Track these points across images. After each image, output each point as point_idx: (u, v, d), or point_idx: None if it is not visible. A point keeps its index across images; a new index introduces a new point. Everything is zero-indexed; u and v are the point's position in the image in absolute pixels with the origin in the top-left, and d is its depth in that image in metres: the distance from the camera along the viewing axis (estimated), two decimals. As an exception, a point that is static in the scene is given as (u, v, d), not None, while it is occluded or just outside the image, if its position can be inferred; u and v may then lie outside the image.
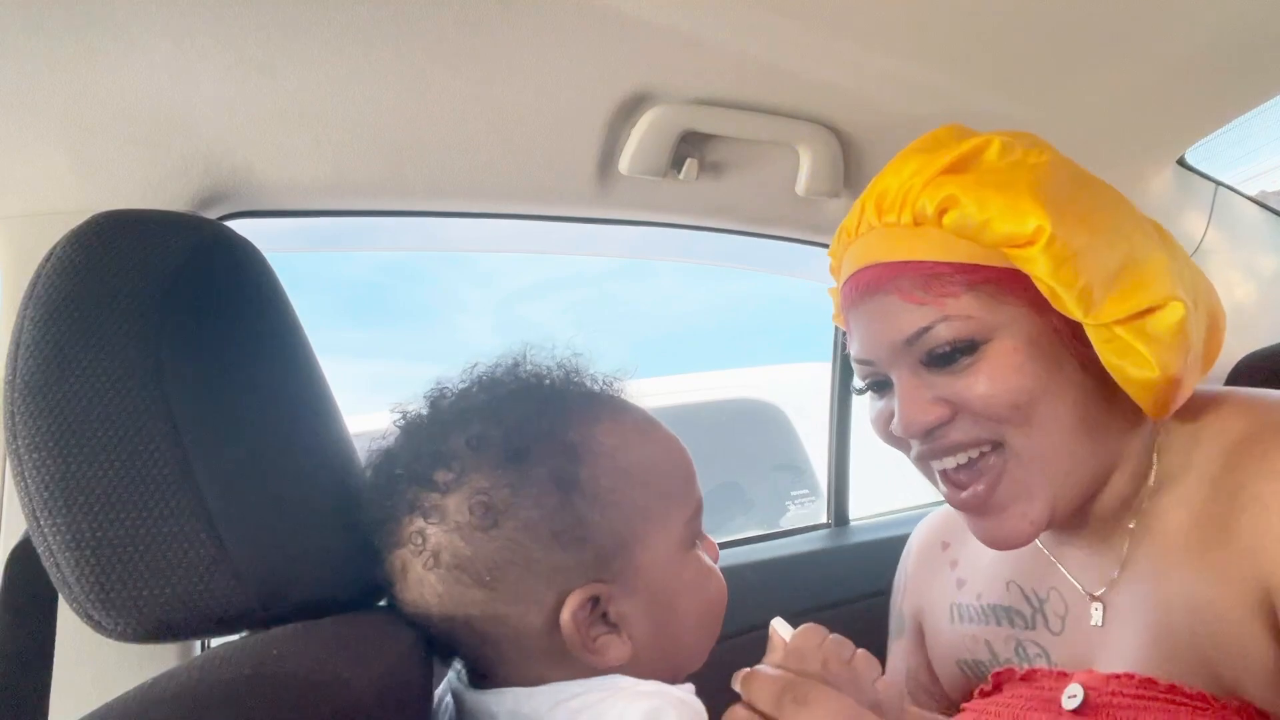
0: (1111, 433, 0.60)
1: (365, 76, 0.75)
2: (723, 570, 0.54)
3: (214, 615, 0.43)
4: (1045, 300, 0.57)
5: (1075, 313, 0.55)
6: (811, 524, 1.48)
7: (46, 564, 0.42)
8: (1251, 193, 1.32)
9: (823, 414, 1.47)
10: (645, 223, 1.08)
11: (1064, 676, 0.62)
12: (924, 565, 0.82)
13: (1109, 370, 0.56)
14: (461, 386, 0.50)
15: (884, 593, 0.90)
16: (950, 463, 0.61)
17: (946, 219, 0.57)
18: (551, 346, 0.51)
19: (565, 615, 0.44)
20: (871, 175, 1.06)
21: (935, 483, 0.65)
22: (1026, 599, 0.69)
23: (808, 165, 0.99)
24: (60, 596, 0.43)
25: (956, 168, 0.58)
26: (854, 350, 0.64)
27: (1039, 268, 0.55)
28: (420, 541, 0.46)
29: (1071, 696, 0.59)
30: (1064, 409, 0.58)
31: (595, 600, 0.45)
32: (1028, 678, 0.65)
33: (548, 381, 0.49)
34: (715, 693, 0.51)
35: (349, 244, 1.06)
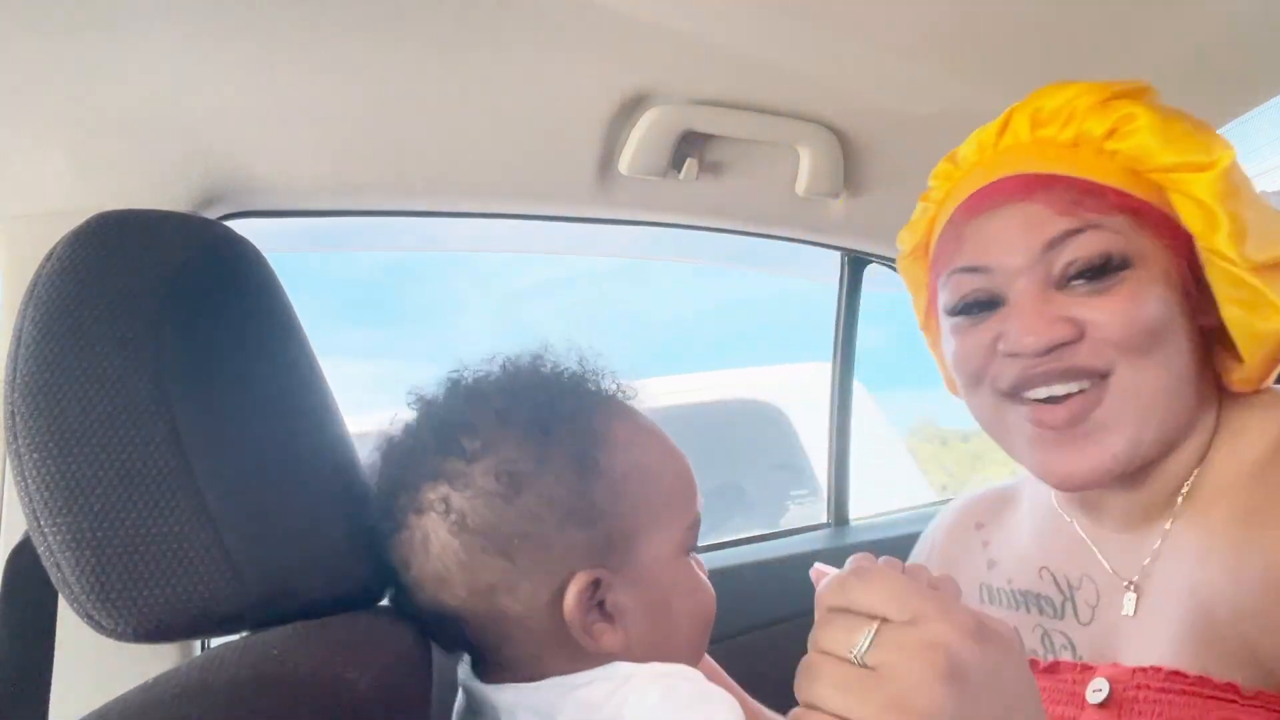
0: (1198, 398, 0.60)
1: (365, 76, 0.75)
2: (723, 570, 0.55)
3: (214, 615, 0.43)
4: (1182, 245, 0.57)
5: (1226, 248, 0.55)
6: (811, 524, 1.49)
7: (46, 564, 0.42)
8: (1251, 193, 1.32)
9: (823, 414, 1.47)
10: (645, 223, 1.08)
11: (1088, 670, 0.61)
12: (955, 541, 0.80)
13: (1229, 325, 0.57)
14: (482, 370, 0.51)
15: (884, 593, 0.89)
16: (1044, 393, 0.58)
17: (1115, 140, 0.57)
18: (568, 346, 0.52)
19: (570, 595, 0.45)
20: (871, 175, 1.07)
21: (1004, 433, 0.63)
22: (1058, 586, 0.67)
23: (808, 165, 0.99)
24: (60, 596, 0.43)
25: (1130, 95, 0.59)
26: (967, 259, 0.61)
27: (1207, 192, 0.55)
28: (444, 508, 0.46)
29: (1096, 691, 0.58)
30: (1181, 351, 0.57)
31: (596, 586, 0.46)
32: (1051, 670, 0.64)
33: (567, 375, 0.51)
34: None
35: (349, 244, 1.06)
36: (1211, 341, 0.61)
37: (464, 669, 0.53)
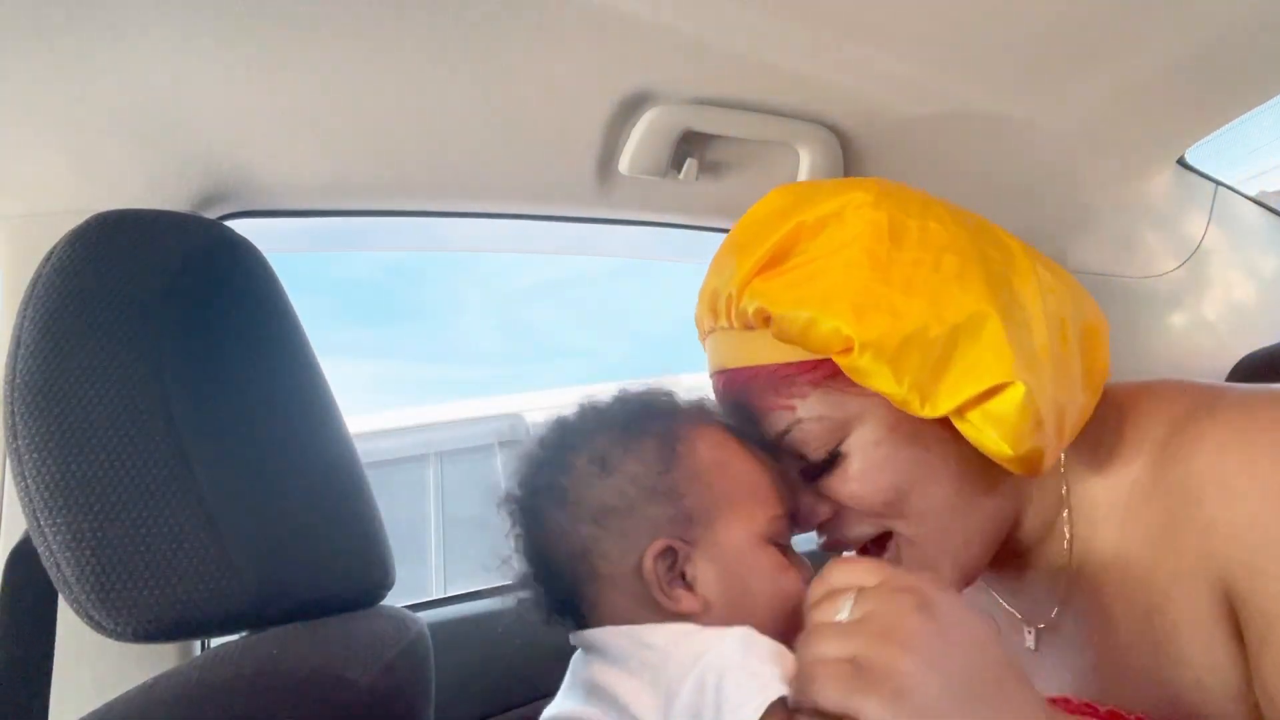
0: (1000, 488, 0.59)
1: (365, 76, 0.75)
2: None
3: (214, 615, 0.43)
4: None
5: (913, 408, 0.53)
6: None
7: (46, 564, 0.42)
8: (1251, 193, 1.32)
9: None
10: (645, 223, 1.08)
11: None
12: None
13: (974, 445, 0.54)
14: (599, 399, 0.62)
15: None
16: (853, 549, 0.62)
17: (771, 326, 0.55)
18: (677, 387, 0.63)
19: (647, 558, 0.53)
20: (871, 175, 1.07)
21: None
22: None
23: (808, 165, 0.99)
24: (60, 596, 0.43)
25: (771, 263, 0.56)
26: None
27: (862, 375, 0.53)
28: (553, 488, 0.56)
29: None
30: (941, 490, 0.57)
31: (675, 554, 0.54)
32: None
33: (664, 394, 0.62)
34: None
35: (349, 244, 1.06)
36: None
37: (573, 636, 0.59)
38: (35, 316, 0.44)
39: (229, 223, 0.72)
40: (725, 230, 1.16)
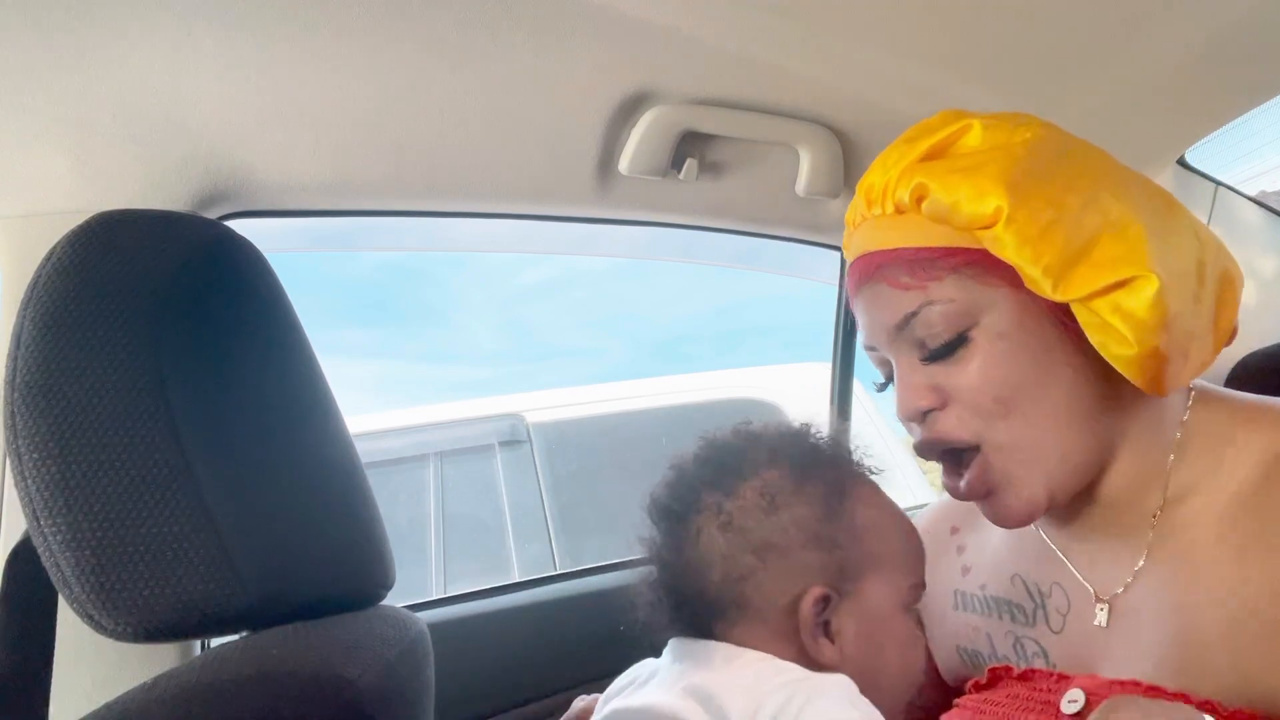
0: (1111, 411, 0.60)
1: (365, 76, 0.75)
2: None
3: (214, 615, 0.43)
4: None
5: (1044, 290, 0.55)
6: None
7: (46, 564, 0.42)
8: (1251, 193, 1.32)
9: (822, 414, 1.47)
10: (645, 223, 1.08)
11: (1064, 679, 0.60)
12: (929, 546, 0.84)
13: (1096, 348, 0.56)
14: (765, 428, 0.63)
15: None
16: (949, 473, 0.62)
17: (924, 206, 0.58)
18: (836, 428, 0.64)
19: (806, 600, 0.54)
20: (871, 175, 1.07)
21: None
22: (1029, 593, 0.67)
23: (808, 165, 0.99)
24: (60, 596, 0.43)
25: (932, 154, 0.60)
26: (863, 338, 0.66)
27: (1003, 247, 0.55)
28: (717, 510, 0.56)
29: (1072, 701, 0.57)
30: (1054, 395, 0.58)
31: (827, 602, 0.54)
32: (1025, 677, 0.63)
33: (830, 441, 0.62)
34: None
35: (349, 244, 1.06)
36: None
37: (676, 643, 0.59)
38: (35, 316, 0.44)
39: (229, 223, 0.72)
40: (725, 230, 1.17)
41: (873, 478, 0.63)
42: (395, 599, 0.60)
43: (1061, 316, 0.57)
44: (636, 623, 0.59)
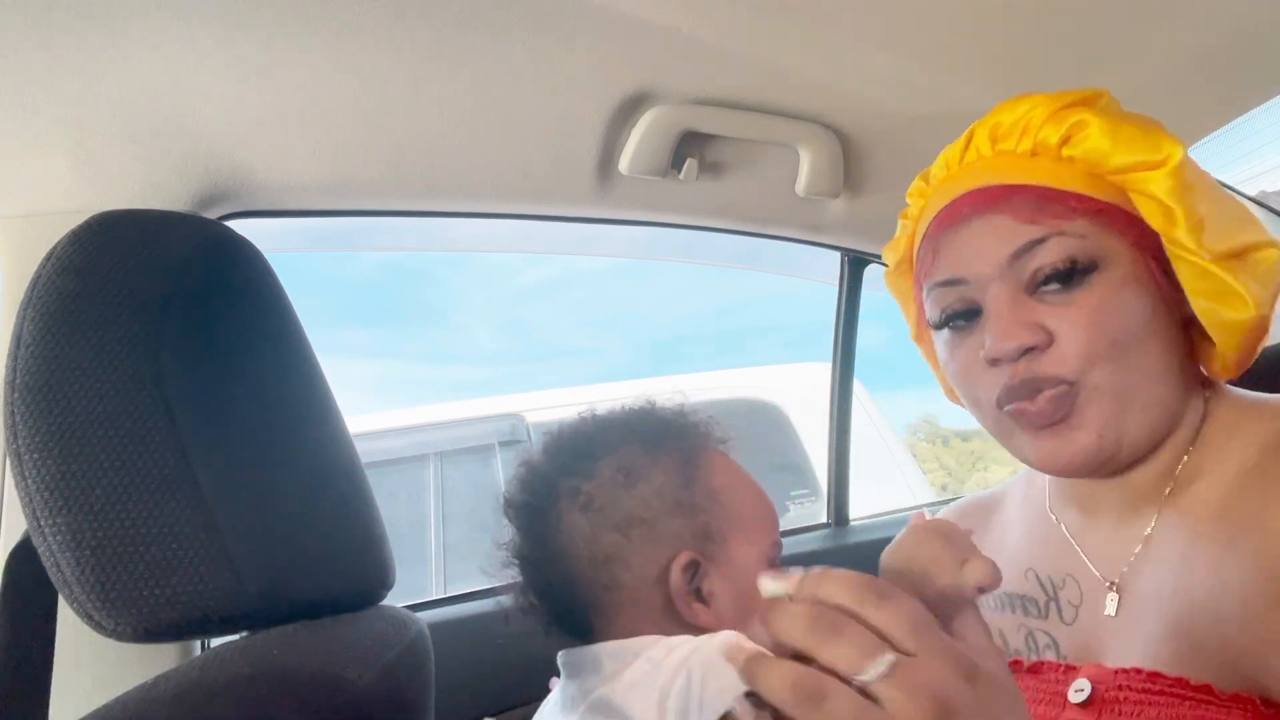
0: (1183, 387, 0.61)
1: (365, 76, 0.75)
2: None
3: (214, 615, 0.43)
4: (1146, 241, 0.59)
5: (1187, 240, 0.56)
6: (811, 524, 1.49)
7: (46, 564, 0.42)
8: (1251, 193, 1.32)
9: (823, 414, 1.47)
10: (645, 223, 1.08)
11: (1071, 670, 0.61)
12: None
13: (1200, 315, 0.58)
14: (610, 409, 0.63)
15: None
16: (1027, 398, 0.59)
17: (1069, 146, 0.60)
18: (677, 398, 0.65)
19: (675, 569, 0.54)
20: (871, 175, 1.07)
21: (1005, 436, 0.64)
22: (1042, 587, 0.68)
23: (808, 165, 0.99)
24: (60, 596, 0.43)
25: (1082, 103, 0.61)
26: (943, 273, 0.63)
27: (1162, 189, 0.57)
28: (575, 493, 0.57)
29: (1079, 691, 0.58)
30: (1157, 347, 0.59)
31: (697, 568, 0.55)
32: (1035, 670, 0.64)
33: (676, 412, 0.63)
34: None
35: (349, 244, 1.06)
36: (1193, 331, 0.63)
37: (563, 655, 0.58)
38: (35, 316, 0.44)
39: (229, 223, 0.72)
40: (725, 230, 1.17)
41: (720, 446, 0.63)
42: (395, 599, 0.60)
43: (1164, 284, 0.60)
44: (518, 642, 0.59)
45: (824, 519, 1.47)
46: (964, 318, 0.63)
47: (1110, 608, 0.62)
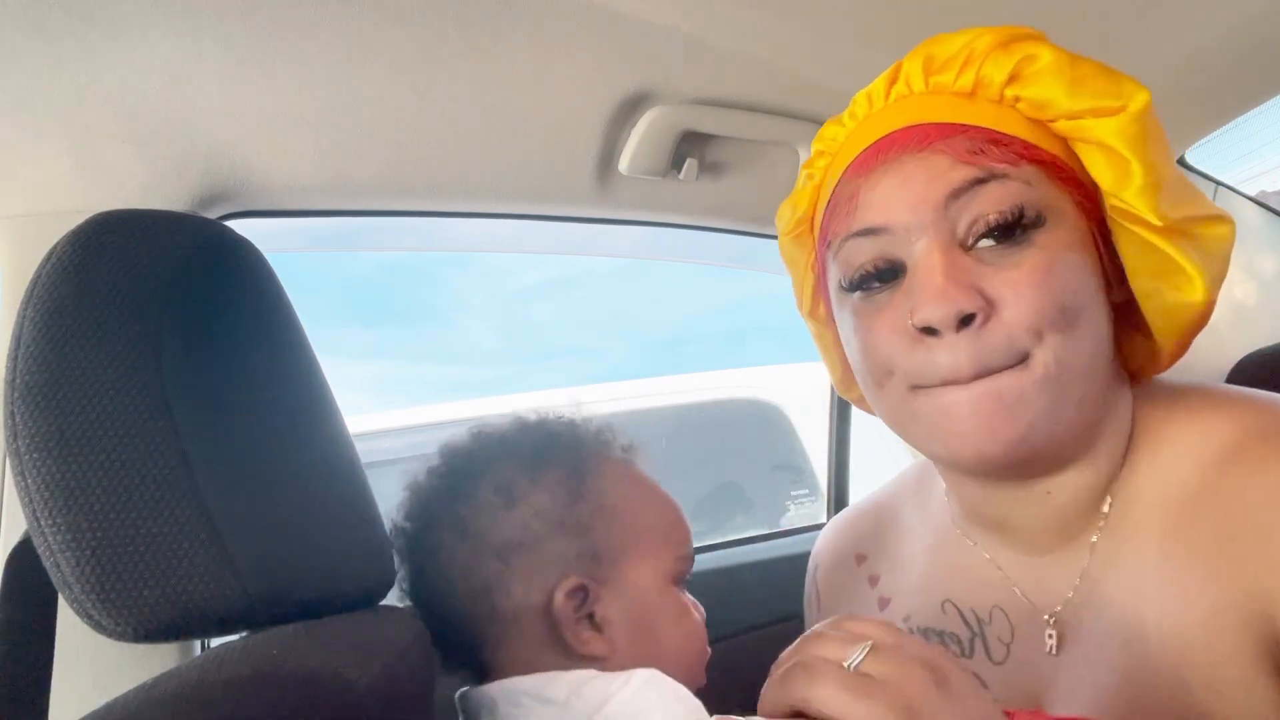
0: (1108, 392, 0.53)
1: (365, 76, 0.75)
2: (723, 570, 0.56)
3: (214, 615, 0.43)
4: (1093, 208, 0.51)
5: (1137, 202, 0.48)
6: (811, 524, 1.49)
7: (46, 564, 0.42)
8: (1251, 193, 1.32)
9: (823, 414, 1.47)
10: (645, 223, 1.08)
11: (1008, 717, 0.55)
12: (837, 583, 0.71)
13: (1140, 297, 0.51)
14: (495, 424, 0.59)
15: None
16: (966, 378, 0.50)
17: (1017, 85, 0.50)
18: (575, 408, 0.60)
19: (558, 594, 0.50)
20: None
21: (910, 423, 0.54)
22: (965, 621, 0.59)
23: (808, 165, 0.99)
24: (60, 596, 0.43)
25: (1033, 37, 0.52)
26: (860, 222, 0.52)
27: (1121, 137, 0.48)
28: (451, 518, 0.53)
29: None
30: (1099, 325, 0.51)
31: (585, 593, 0.50)
32: None
33: (567, 423, 0.59)
34: (719, 698, 0.51)
35: (349, 244, 1.06)
36: (1118, 321, 0.55)
37: (459, 697, 0.55)
38: (35, 316, 0.44)
39: (229, 223, 0.72)
40: (725, 230, 1.17)
41: (621, 455, 0.58)
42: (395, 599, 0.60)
43: (1105, 255, 0.52)
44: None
45: (824, 519, 1.47)
46: (879, 279, 0.52)
47: (1049, 644, 0.55)
